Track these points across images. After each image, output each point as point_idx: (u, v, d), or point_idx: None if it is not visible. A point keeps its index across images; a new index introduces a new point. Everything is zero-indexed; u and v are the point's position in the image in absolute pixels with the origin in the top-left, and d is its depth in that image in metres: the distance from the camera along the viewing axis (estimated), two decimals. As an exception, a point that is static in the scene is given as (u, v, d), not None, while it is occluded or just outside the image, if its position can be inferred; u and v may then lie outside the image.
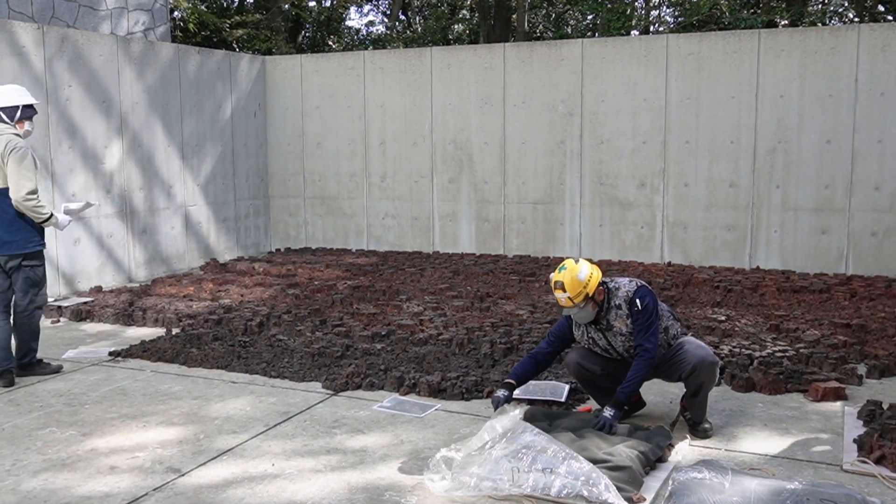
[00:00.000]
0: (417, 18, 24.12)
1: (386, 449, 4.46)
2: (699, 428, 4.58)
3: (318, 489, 3.96)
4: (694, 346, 4.56)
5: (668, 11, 20.12)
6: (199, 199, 10.71)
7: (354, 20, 31.82)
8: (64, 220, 6.02)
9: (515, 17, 19.57)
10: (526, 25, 19.85)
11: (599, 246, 10.28)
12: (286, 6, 18.88)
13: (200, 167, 10.71)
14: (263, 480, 4.07)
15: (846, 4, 18.28)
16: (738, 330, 6.71)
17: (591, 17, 19.58)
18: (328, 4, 21.43)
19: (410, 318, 7.29)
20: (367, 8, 24.55)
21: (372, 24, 24.33)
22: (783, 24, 16.92)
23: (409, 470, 4.15)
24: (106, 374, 5.98)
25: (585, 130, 10.21)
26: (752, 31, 9.60)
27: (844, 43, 9.01)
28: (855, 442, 4.38)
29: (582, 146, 10.25)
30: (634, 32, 17.83)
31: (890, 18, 16.60)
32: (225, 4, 18.69)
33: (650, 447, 4.15)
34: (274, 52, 17.39)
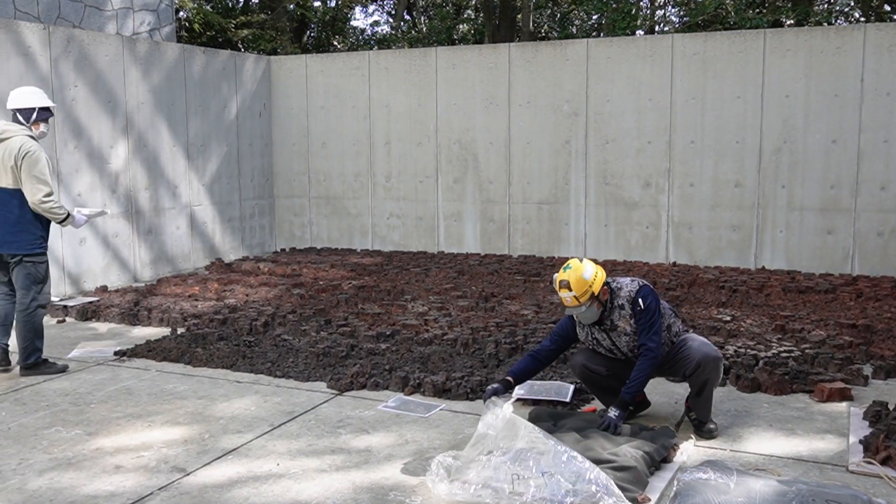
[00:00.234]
0: (422, 18, 24.13)
1: (391, 449, 4.46)
2: (704, 428, 4.58)
3: (322, 489, 3.96)
4: (698, 342, 4.57)
5: (673, 11, 20.10)
6: (204, 198, 10.73)
7: (359, 20, 31.81)
8: (80, 219, 6.08)
9: (520, 16, 19.56)
10: (531, 25, 19.83)
11: (604, 246, 10.27)
12: (291, 6, 18.91)
13: (206, 167, 10.73)
14: (268, 480, 4.08)
15: (852, 4, 18.23)
16: (743, 330, 6.69)
17: (596, 16, 19.56)
18: (333, 4, 21.45)
19: (415, 318, 7.29)
20: (371, 8, 24.55)
21: (377, 24, 24.35)
22: (789, 23, 16.89)
23: (413, 470, 4.15)
24: (111, 373, 5.99)
25: (590, 130, 10.20)
26: (757, 30, 9.58)
27: (850, 42, 8.99)
28: (861, 443, 4.37)
29: (587, 146, 10.24)
30: (639, 32, 17.81)
31: (896, 18, 16.55)
32: (230, 4, 18.72)
33: (655, 447, 4.14)
34: (279, 52, 17.41)
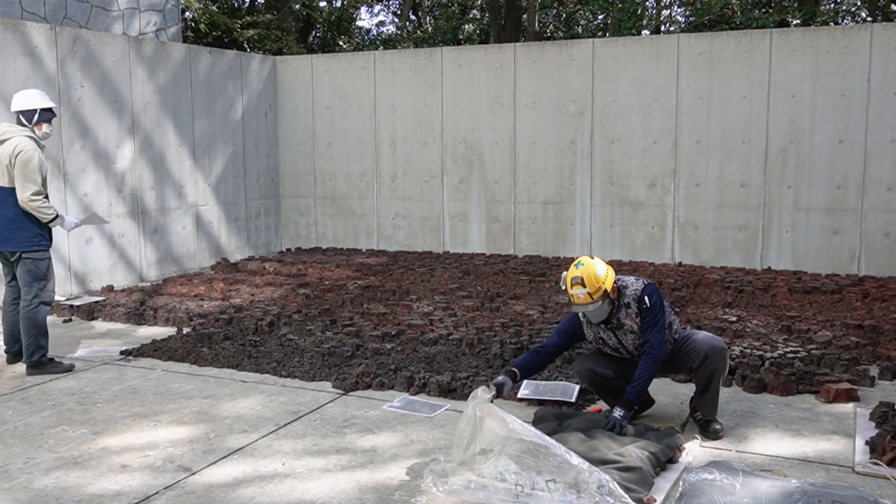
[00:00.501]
0: (428, 18, 24.14)
1: (396, 449, 4.46)
2: (710, 429, 4.57)
3: (327, 488, 3.97)
4: (703, 335, 4.68)
5: (679, 11, 20.07)
6: (210, 198, 10.75)
7: (365, 20, 31.89)
8: (70, 221, 6.15)
9: (526, 17, 19.56)
10: (536, 25, 19.83)
11: (610, 246, 10.25)
12: (297, 6, 18.93)
13: (211, 167, 10.75)
14: (274, 479, 4.08)
15: (858, 4, 18.18)
16: (749, 331, 6.68)
17: (601, 16, 19.56)
18: (339, 4, 21.47)
19: (421, 318, 7.30)
20: (377, 8, 24.59)
21: (382, 24, 24.38)
22: (795, 23, 16.85)
23: (419, 470, 4.15)
24: (117, 372, 6.01)
25: (596, 130, 10.19)
26: (763, 30, 9.56)
27: (857, 42, 8.96)
28: (867, 444, 4.36)
29: (592, 146, 10.23)
30: (645, 32, 17.79)
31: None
32: (236, 5, 18.75)
33: (661, 448, 4.13)
34: (285, 52, 17.43)
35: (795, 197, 9.38)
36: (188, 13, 16.42)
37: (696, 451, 4.36)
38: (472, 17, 23.12)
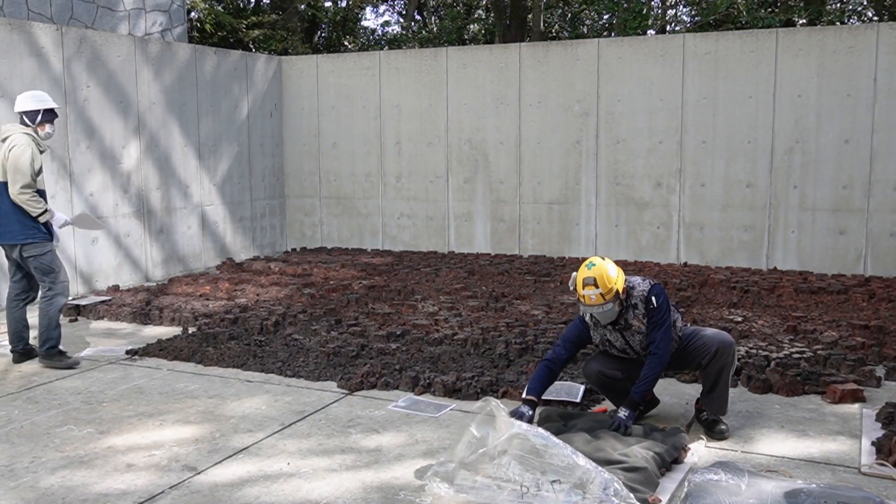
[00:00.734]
0: (433, 18, 24.13)
1: (401, 448, 4.46)
2: (715, 429, 4.56)
3: (333, 488, 3.97)
4: (710, 331, 4.70)
5: (684, 11, 20.04)
6: (215, 198, 10.77)
7: (370, 20, 31.86)
8: (60, 218, 6.25)
9: (531, 16, 19.54)
10: (542, 25, 19.81)
11: (615, 246, 10.24)
12: (302, 6, 18.95)
13: (217, 167, 10.77)
14: (279, 479, 4.09)
15: (865, 3, 18.14)
16: (754, 331, 6.67)
17: (607, 16, 19.53)
18: (344, 5, 21.48)
19: (425, 317, 7.30)
20: (382, 8, 24.59)
21: (387, 24, 24.36)
22: (801, 23, 16.82)
23: (423, 470, 4.15)
24: (123, 372, 6.02)
25: (601, 130, 10.18)
26: (769, 30, 9.54)
27: (863, 42, 8.94)
28: (873, 444, 4.35)
29: (598, 146, 10.22)
30: (651, 32, 17.77)
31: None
32: (241, 5, 18.77)
33: (666, 448, 4.13)
34: (290, 52, 17.45)
35: (801, 197, 9.35)
36: (194, 13, 16.45)
37: (701, 451, 4.35)
38: (477, 17, 23.11)
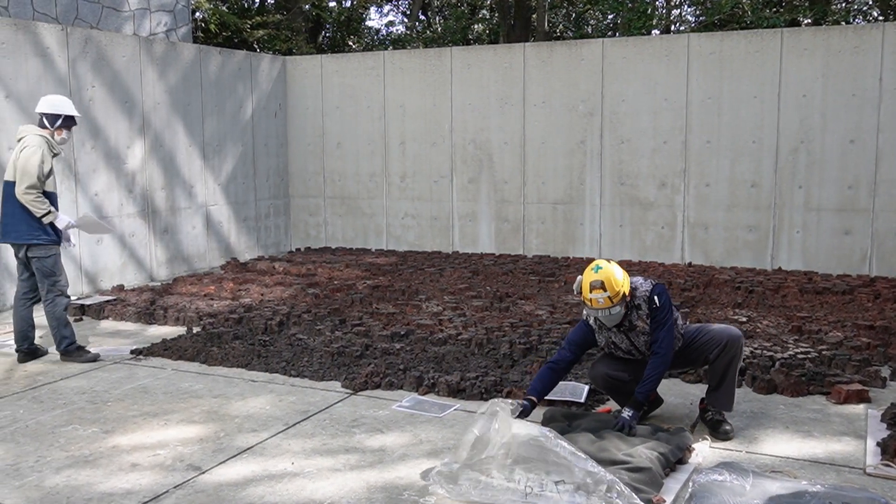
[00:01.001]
0: (437, 18, 24.13)
1: (405, 448, 4.46)
2: (720, 429, 4.55)
3: (337, 488, 3.97)
4: (717, 326, 4.71)
5: (689, 10, 20.01)
6: (219, 198, 10.78)
7: (374, 20, 31.89)
8: (63, 220, 6.24)
9: (535, 16, 19.54)
10: (546, 25, 19.80)
11: (619, 246, 10.23)
12: (307, 7, 18.96)
13: (221, 167, 10.78)
14: (283, 479, 4.09)
15: (870, 3, 18.09)
16: (759, 331, 6.65)
17: (611, 16, 19.52)
18: (348, 5, 21.50)
19: (430, 317, 7.30)
20: (386, 8, 24.60)
21: (392, 24, 24.40)
22: (806, 22, 16.78)
23: (427, 470, 4.14)
24: (128, 371, 6.03)
25: (606, 130, 10.17)
26: (774, 30, 9.53)
27: (868, 42, 8.91)
28: (878, 445, 4.34)
29: (602, 146, 10.21)
30: (655, 32, 17.74)
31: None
32: (246, 5, 18.79)
33: (670, 448, 4.12)
34: (294, 52, 17.47)
35: (806, 197, 9.33)
36: (198, 14, 16.48)
37: (705, 451, 4.35)
38: (481, 17, 23.11)
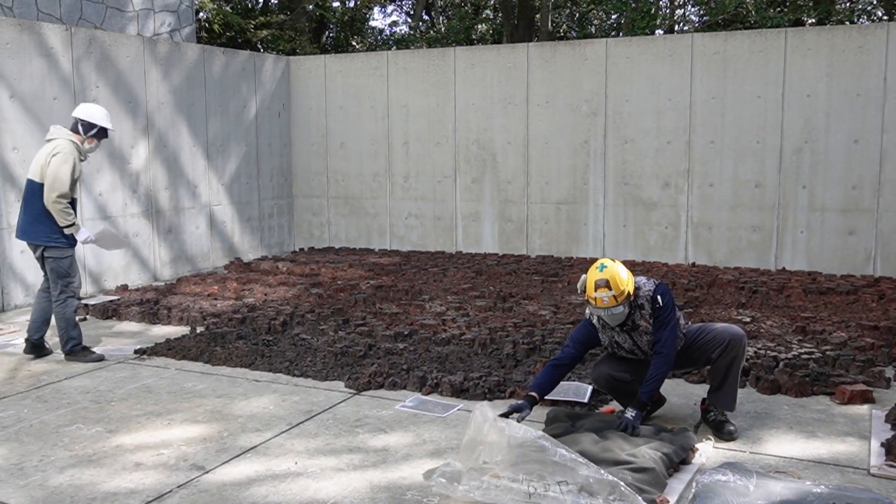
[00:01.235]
0: (441, 18, 24.14)
1: (408, 448, 4.46)
2: (724, 430, 4.55)
3: (340, 488, 3.97)
4: (720, 326, 4.71)
5: (692, 10, 19.98)
6: (223, 198, 10.79)
7: (378, 20, 31.93)
8: (84, 233, 6.28)
9: (539, 16, 19.53)
10: (549, 25, 19.80)
11: (623, 246, 10.23)
12: (310, 7, 18.97)
13: (225, 167, 10.79)
14: (286, 478, 4.09)
15: (874, 2, 18.06)
16: (763, 332, 6.64)
17: (615, 16, 19.50)
18: (352, 5, 21.51)
19: (433, 317, 7.30)
20: (390, 8, 24.62)
21: (395, 24, 24.40)
22: (810, 22, 16.75)
23: (431, 470, 4.14)
24: (132, 371, 6.04)
25: (609, 130, 10.16)
26: (778, 29, 9.51)
27: (873, 41, 8.90)
28: (883, 446, 4.33)
29: (606, 146, 10.20)
30: (659, 32, 17.73)
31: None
32: (249, 5, 18.81)
33: (674, 449, 4.11)
34: (298, 52, 17.48)
35: (810, 197, 9.32)
36: (202, 14, 16.49)
37: (709, 452, 4.34)
38: (484, 17, 23.11)
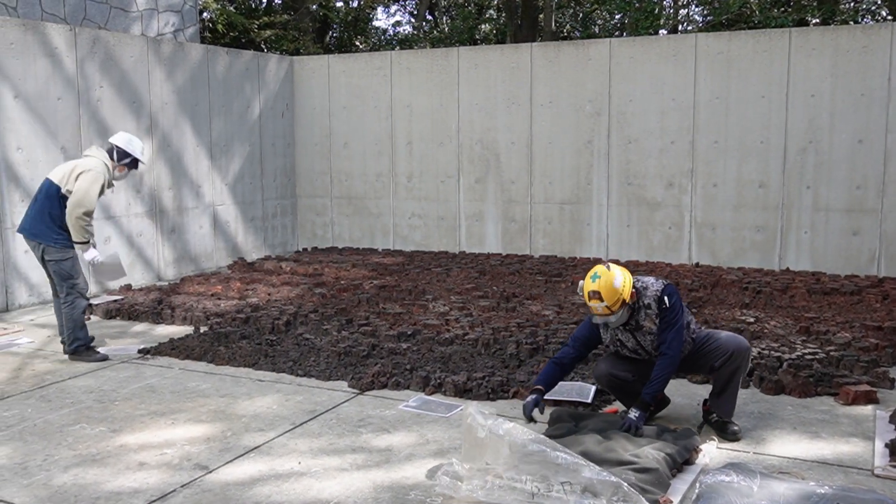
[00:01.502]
0: (444, 18, 24.13)
1: (411, 448, 4.46)
2: (728, 430, 4.54)
3: (343, 488, 3.97)
4: (725, 334, 4.67)
5: (696, 10, 19.96)
6: (227, 198, 10.80)
7: (381, 20, 31.88)
8: (92, 254, 6.30)
9: (542, 16, 19.51)
10: (553, 25, 19.78)
11: (627, 246, 10.22)
12: (314, 7, 18.99)
13: (228, 167, 10.80)
14: (290, 478, 4.10)
15: (879, 2, 18.02)
16: (767, 332, 6.63)
17: (618, 16, 19.48)
18: (355, 5, 21.52)
19: (436, 317, 7.30)
20: (394, 8, 24.61)
21: (399, 24, 24.39)
22: (814, 22, 16.73)
23: (434, 470, 4.14)
24: (135, 371, 6.05)
25: (613, 130, 10.16)
26: (782, 29, 9.50)
27: (877, 41, 8.88)
28: (887, 446, 4.32)
29: (609, 146, 10.19)
30: (663, 32, 17.71)
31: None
32: (253, 5, 18.83)
33: (677, 449, 4.11)
34: (301, 52, 17.49)
35: (814, 197, 9.30)
36: (206, 14, 16.51)
37: (712, 452, 4.34)
38: (488, 16, 23.10)
